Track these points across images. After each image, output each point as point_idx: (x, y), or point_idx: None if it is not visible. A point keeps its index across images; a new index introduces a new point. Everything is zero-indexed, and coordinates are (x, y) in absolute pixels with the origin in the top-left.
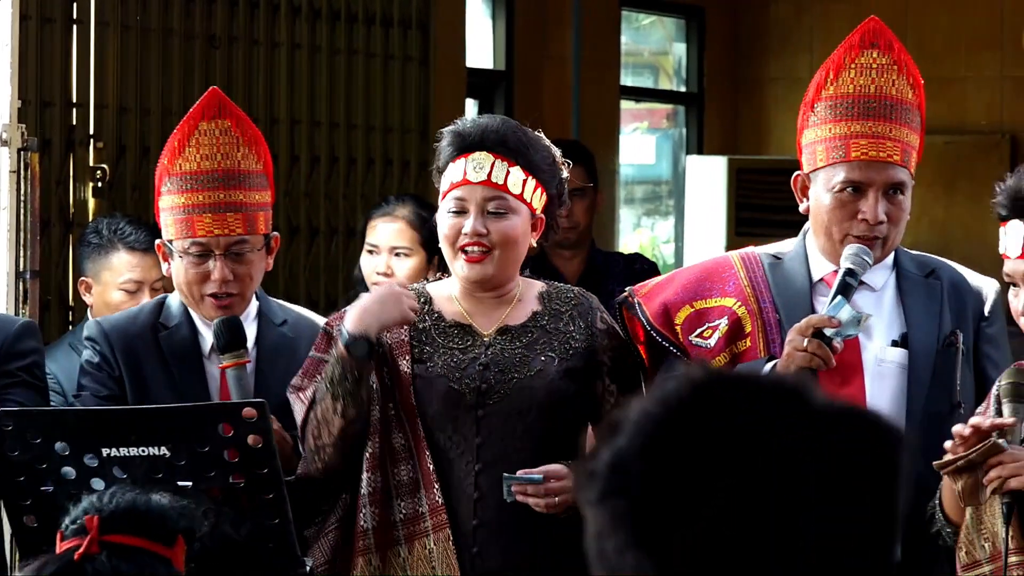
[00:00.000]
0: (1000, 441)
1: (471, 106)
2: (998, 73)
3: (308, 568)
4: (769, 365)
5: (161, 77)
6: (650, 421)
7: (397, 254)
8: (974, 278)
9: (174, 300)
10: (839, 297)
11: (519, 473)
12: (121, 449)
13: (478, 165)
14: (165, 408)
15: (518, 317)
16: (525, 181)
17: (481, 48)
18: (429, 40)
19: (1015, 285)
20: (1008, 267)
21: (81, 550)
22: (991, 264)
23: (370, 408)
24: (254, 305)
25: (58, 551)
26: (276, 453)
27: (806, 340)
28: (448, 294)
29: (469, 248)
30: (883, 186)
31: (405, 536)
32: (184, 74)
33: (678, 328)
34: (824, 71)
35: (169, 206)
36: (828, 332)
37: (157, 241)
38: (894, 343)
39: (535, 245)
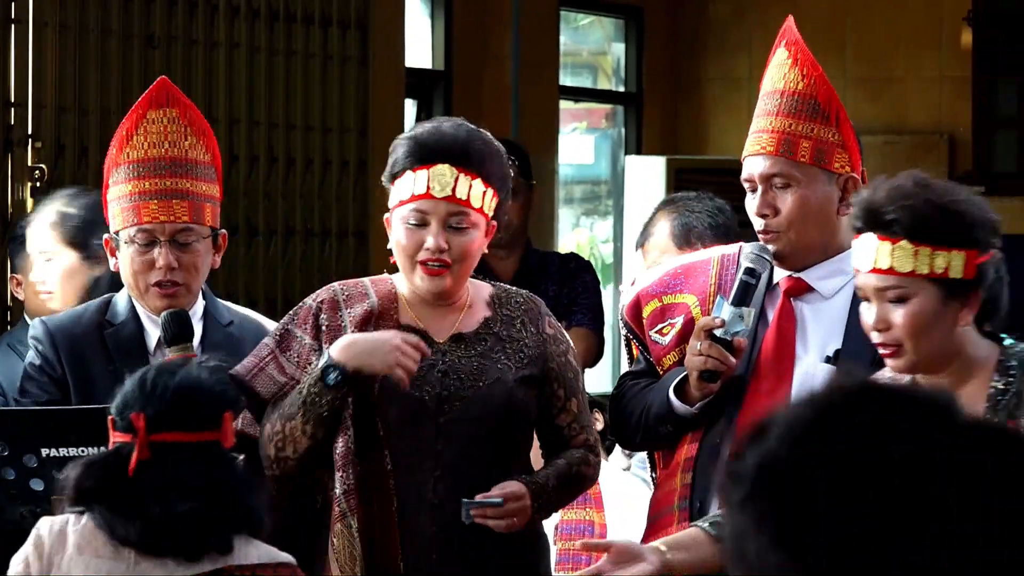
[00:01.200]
0: None
1: (410, 106)
2: (937, 73)
3: None
4: (683, 374)
5: (100, 77)
6: (800, 425)
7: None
8: None
9: (121, 298)
10: (719, 297)
11: (478, 498)
12: (61, 449)
13: (441, 179)
14: (104, 408)
15: (470, 324)
16: (484, 192)
17: (420, 48)
18: (368, 40)
19: (866, 300)
20: (859, 281)
21: (132, 463)
22: None
23: (340, 422)
24: (200, 304)
25: (110, 445)
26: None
27: (697, 344)
28: (405, 297)
29: (430, 262)
30: (763, 179)
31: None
32: (123, 74)
33: (644, 321)
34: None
35: (116, 196)
36: (718, 332)
37: (104, 236)
38: (827, 359)
39: (486, 250)
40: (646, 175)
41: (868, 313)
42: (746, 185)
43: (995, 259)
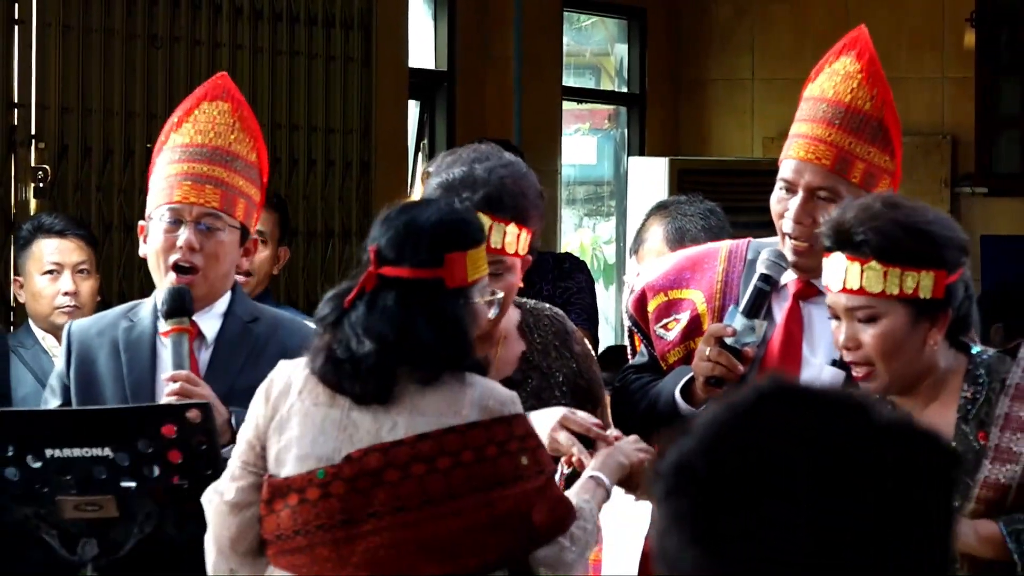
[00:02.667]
0: None
1: (413, 106)
2: (939, 74)
3: None
4: (689, 376)
5: (103, 77)
6: (715, 425)
7: None
8: None
9: (149, 300)
10: (733, 305)
11: None
12: (64, 450)
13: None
14: (108, 409)
15: (509, 361)
16: (519, 236)
17: (423, 49)
18: (371, 41)
19: (836, 318)
20: (829, 300)
21: (352, 294)
22: None
23: None
24: (226, 301)
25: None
26: (220, 454)
27: (707, 349)
28: None
29: None
30: (809, 189)
31: None
32: (126, 75)
33: (649, 315)
34: (812, 73)
35: (156, 178)
36: (728, 341)
37: (140, 223)
38: (834, 363)
39: (521, 284)
40: (649, 176)
41: (838, 332)
42: (783, 183)
43: (964, 277)
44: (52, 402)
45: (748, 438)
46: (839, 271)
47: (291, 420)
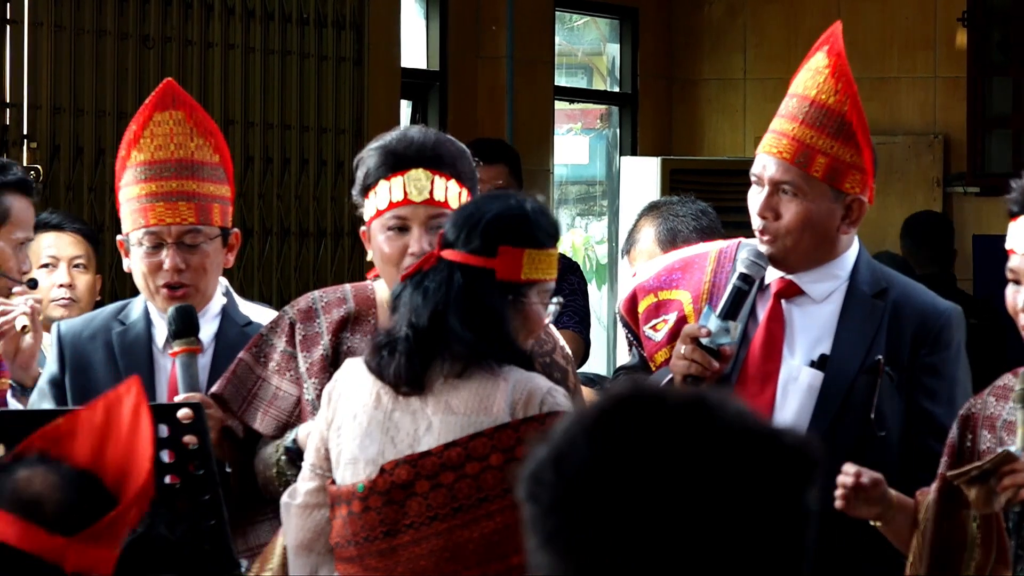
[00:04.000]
0: (1013, 449)
1: (405, 106)
2: (931, 73)
3: (243, 569)
4: (669, 377)
5: (95, 77)
6: (564, 434)
7: None
8: (927, 302)
9: (138, 299)
10: (707, 306)
11: None
12: None
13: (417, 183)
14: None
15: None
16: (460, 193)
17: (415, 48)
18: (363, 40)
19: (1017, 282)
20: (1013, 262)
21: (410, 269)
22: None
23: None
24: (219, 303)
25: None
26: (212, 454)
27: (683, 348)
28: (385, 302)
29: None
30: (772, 183)
31: None
32: (118, 75)
33: (640, 316)
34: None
35: (126, 198)
36: (703, 341)
37: (119, 237)
38: (812, 363)
39: None
40: (641, 176)
41: (1016, 297)
42: (753, 178)
43: None
44: (43, 405)
45: (593, 445)
46: (1022, 234)
47: (345, 422)
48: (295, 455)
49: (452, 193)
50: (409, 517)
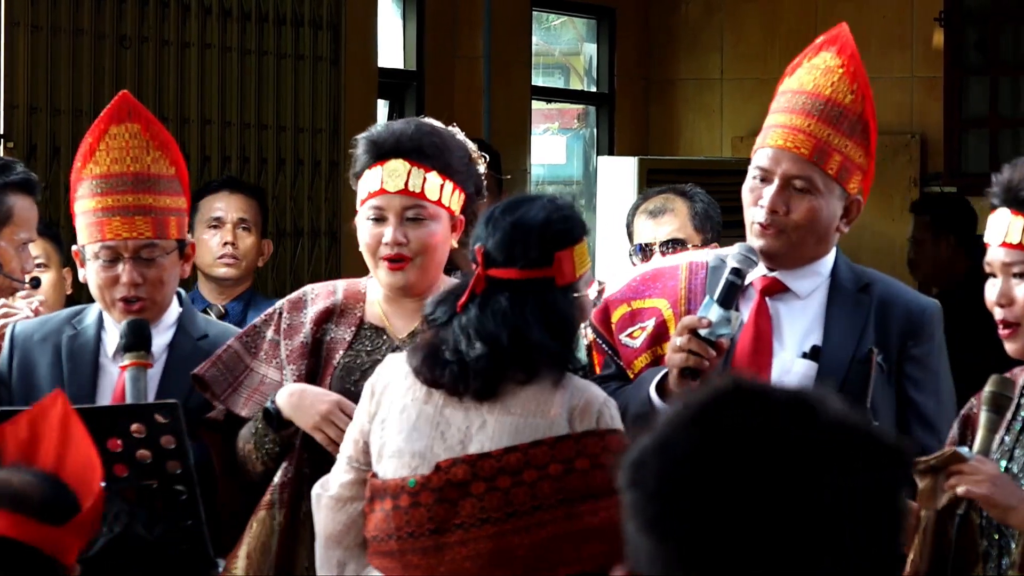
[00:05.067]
0: (961, 450)
1: (382, 106)
2: (908, 73)
3: (220, 569)
4: (663, 372)
5: (72, 77)
6: (669, 423)
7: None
8: (910, 298)
9: (95, 306)
10: (708, 297)
11: None
12: None
13: (394, 173)
14: (77, 409)
15: None
16: (442, 185)
17: (392, 48)
18: (340, 40)
19: (992, 275)
20: (988, 255)
21: (464, 297)
22: (899, 263)
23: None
24: (174, 312)
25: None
26: (190, 454)
27: (679, 340)
28: (375, 296)
29: (391, 257)
30: (785, 177)
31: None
32: (94, 74)
33: (613, 326)
34: (788, 68)
35: (81, 211)
36: (703, 332)
37: (73, 248)
38: (804, 355)
39: (456, 245)
40: (618, 175)
41: (992, 289)
42: (758, 173)
43: None
44: None
45: (698, 436)
46: (1002, 226)
47: (390, 416)
48: (273, 415)
49: (431, 185)
50: (460, 517)
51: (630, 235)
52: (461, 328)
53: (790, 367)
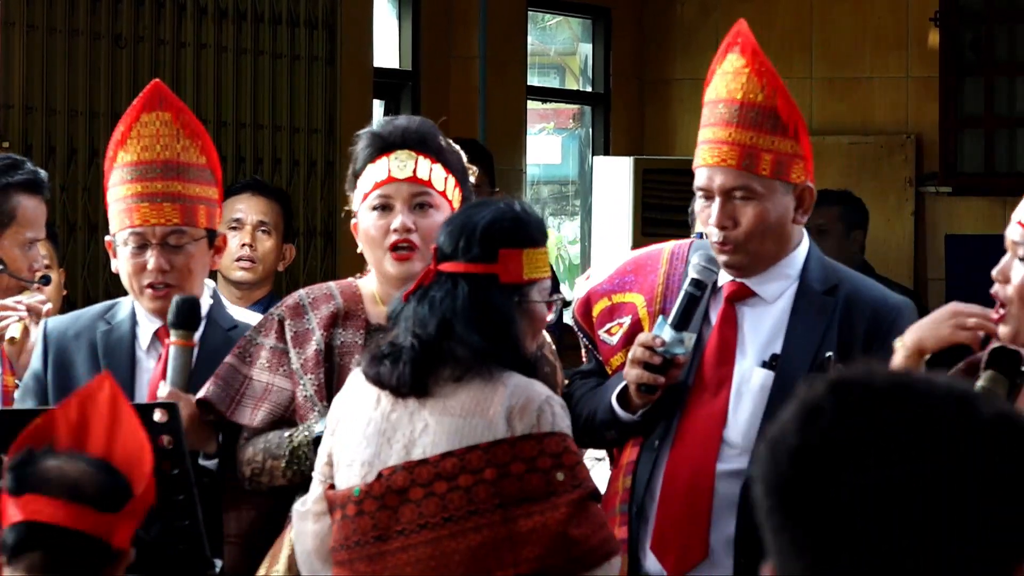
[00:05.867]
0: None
1: (378, 106)
2: (903, 73)
3: (218, 569)
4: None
5: (67, 77)
6: (815, 401)
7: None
8: (878, 296)
9: (126, 300)
10: (661, 316)
11: None
12: None
13: (402, 162)
14: None
15: None
16: (446, 178)
17: (387, 48)
18: (336, 40)
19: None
20: (1007, 230)
21: (411, 288)
22: (894, 263)
23: None
24: (205, 305)
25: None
26: (187, 454)
27: (637, 352)
28: (372, 296)
29: (399, 245)
30: (723, 192)
31: None
32: (90, 74)
33: (594, 320)
34: (708, 76)
35: (113, 199)
36: (658, 351)
37: (107, 238)
38: (764, 364)
39: None
40: (614, 175)
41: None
42: (700, 194)
43: None
44: (28, 402)
45: (846, 419)
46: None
47: (342, 426)
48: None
49: (437, 175)
50: (401, 523)
51: (691, 224)
52: (403, 319)
53: (749, 377)
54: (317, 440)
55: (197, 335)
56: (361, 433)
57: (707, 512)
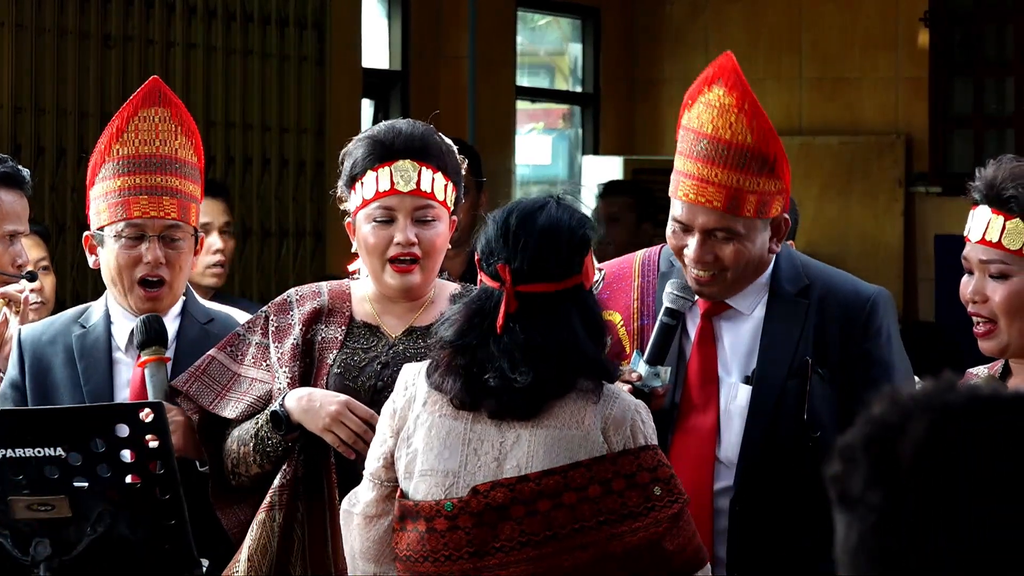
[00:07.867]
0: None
1: (367, 106)
2: (893, 74)
3: (204, 569)
4: None
5: (56, 77)
6: (939, 399)
7: None
8: (848, 290)
9: (98, 303)
10: (635, 352)
11: None
12: (16, 450)
13: (405, 174)
14: (60, 409)
15: (426, 319)
16: (446, 186)
17: (377, 48)
18: (325, 40)
19: (969, 272)
20: (965, 251)
21: (500, 319)
22: (884, 263)
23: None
24: (179, 302)
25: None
26: (173, 453)
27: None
28: (363, 294)
29: (400, 258)
30: (702, 230)
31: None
32: (79, 74)
33: None
34: (686, 97)
35: (103, 192)
36: (636, 384)
37: (86, 233)
38: (746, 379)
39: (449, 246)
40: (603, 175)
41: (966, 285)
42: (677, 226)
43: None
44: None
45: (972, 425)
46: (981, 223)
47: (416, 432)
48: (281, 418)
49: (439, 186)
50: (500, 540)
51: None
52: (503, 350)
53: (736, 394)
54: (274, 416)
55: (172, 334)
56: (441, 442)
57: (708, 533)
